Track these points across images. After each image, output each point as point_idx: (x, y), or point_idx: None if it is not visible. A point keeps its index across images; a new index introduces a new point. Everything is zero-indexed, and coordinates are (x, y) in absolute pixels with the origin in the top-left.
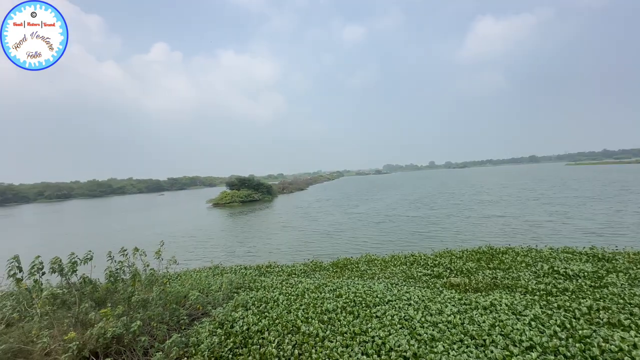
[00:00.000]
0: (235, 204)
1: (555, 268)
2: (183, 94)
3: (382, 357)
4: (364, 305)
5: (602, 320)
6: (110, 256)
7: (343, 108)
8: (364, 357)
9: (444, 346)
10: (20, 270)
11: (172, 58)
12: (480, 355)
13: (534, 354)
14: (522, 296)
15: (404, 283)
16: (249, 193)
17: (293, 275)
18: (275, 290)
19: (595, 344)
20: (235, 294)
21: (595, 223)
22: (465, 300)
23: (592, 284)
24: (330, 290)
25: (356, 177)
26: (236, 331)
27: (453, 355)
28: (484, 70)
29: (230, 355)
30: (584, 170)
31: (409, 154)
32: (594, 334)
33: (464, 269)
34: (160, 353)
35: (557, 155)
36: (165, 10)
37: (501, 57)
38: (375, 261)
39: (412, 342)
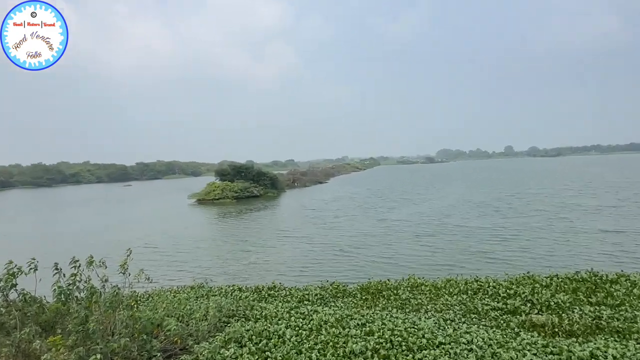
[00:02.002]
0: (227, 201)
1: None
2: (156, 46)
3: None
4: (404, 347)
5: None
6: (57, 268)
7: (379, 69)
8: None
9: None
10: None
11: None
12: None
13: None
14: (638, 345)
15: (463, 319)
16: (246, 186)
17: (305, 302)
18: (280, 322)
19: None
20: (226, 325)
21: None
22: (553, 347)
23: None
24: (358, 325)
25: (397, 166)
26: None
27: None
28: (590, 11)
29: None
30: None
31: (475, 136)
32: None
33: (552, 303)
34: None
35: None
36: None
37: None
38: (422, 287)
39: None
